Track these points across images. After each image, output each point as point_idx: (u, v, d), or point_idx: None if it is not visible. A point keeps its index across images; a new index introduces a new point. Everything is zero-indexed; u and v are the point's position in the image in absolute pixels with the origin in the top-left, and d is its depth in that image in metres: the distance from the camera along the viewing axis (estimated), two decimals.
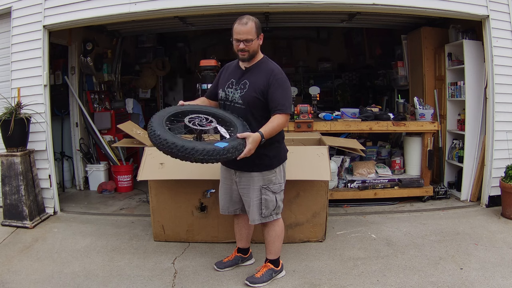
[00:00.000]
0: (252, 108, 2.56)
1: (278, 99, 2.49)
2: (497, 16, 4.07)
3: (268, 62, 2.62)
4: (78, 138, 5.29)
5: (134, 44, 7.02)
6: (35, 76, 4.05)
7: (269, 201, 2.64)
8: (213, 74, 4.16)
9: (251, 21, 2.52)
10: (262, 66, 2.60)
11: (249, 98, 2.55)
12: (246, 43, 2.51)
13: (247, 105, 2.57)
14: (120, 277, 2.88)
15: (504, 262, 2.98)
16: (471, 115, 4.43)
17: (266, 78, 2.53)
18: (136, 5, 3.88)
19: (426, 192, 4.50)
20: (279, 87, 2.50)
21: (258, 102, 2.55)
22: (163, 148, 2.25)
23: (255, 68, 2.61)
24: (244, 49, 2.53)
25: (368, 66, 7.56)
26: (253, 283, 2.72)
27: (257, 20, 2.56)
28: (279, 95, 2.50)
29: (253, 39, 2.52)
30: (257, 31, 2.54)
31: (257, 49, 2.60)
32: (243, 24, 2.50)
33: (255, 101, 2.55)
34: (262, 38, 2.60)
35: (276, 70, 2.56)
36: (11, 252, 3.32)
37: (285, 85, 2.54)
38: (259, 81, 2.54)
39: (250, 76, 2.59)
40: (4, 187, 3.87)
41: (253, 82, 2.56)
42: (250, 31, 2.51)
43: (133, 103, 6.28)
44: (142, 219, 4.06)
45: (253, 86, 2.55)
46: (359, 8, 4.12)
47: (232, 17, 5.12)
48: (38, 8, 4.04)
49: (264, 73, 2.55)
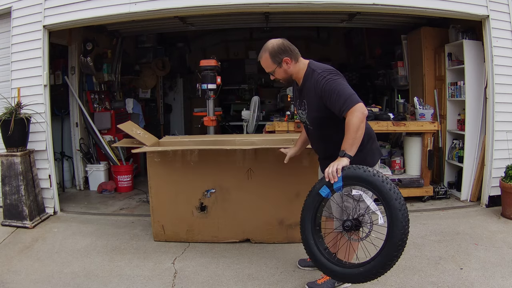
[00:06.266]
0: (321, 128, 2.42)
1: (335, 102, 2.21)
2: (497, 16, 4.07)
3: (313, 73, 2.35)
4: (78, 138, 5.29)
5: (134, 44, 7.02)
6: (35, 76, 4.05)
7: (347, 207, 2.39)
8: (213, 74, 4.15)
9: (265, 52, 2.38)
10: (308, 81, 2.38)
11: (314, 120, 2.41)
12: (272, 74, 2.43)
13: (315, 126, 2.44)
14: (120, 277, 2.88)
15: (504, 262, 2.97)
16: (471, 115, 4.43)
17: (316, 92, 2.31)
18: (136, 5, 3.88)
19: (426, 192, 4.50)
20: (329, 93, 2.24)
21: (321, 121, 2.39)
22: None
23: (304, 85, 2.42)
24: (275, 79, 2.46)
25: (368, 66, 7.55)
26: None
27: (274, 46, 2.37)
28: (334, 99, 2.22)
29: (274, 69, 2.40)
30: (274, 59, 2.37)
31: (291, 72, 2.41)
32: (260, 58, 2.41)
33: (318, 121, 2.40)
34: (289, 61, 2.38)
35: (319, 78, 2.29)
36: (11, 252, 3.32)
37: (333, 87, 2.24)
38: (312, 99, 2.35)
39: (305, 95, 2.43)
40: (4, 187, 3.87)
41: (310, 102, 2.39)
42: (266, 64, 2.41)
43: (133, 103, 6.28)
44: (142, 219, 4.06)
45: (311, 105, 2.39)
46: (359, 8, 4.12)
47: (232, 17, 5.17)
48: (38, 8, 4.04)
49: (313, 88, 2.34)
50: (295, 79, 2.47)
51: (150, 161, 3.36)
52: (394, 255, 1.99)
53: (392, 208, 1.99)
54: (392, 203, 1.99)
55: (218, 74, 4.17)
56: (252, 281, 2.80)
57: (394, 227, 1.98)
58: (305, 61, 2.46)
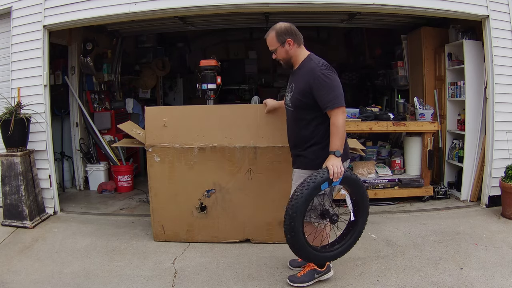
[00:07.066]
0: (299, 110, 2.55)
1: (323, 96, 2.38)
2: (497, 16, 4.07)
3: (310, 62, 2.52)
4: (78, 138, 5.29)
5: (134, 44, 7.02)
6: (35, 76, 4.05)
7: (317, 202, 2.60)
8: (213, 74, 4.15)
9: (272, 30, 2.53)
10: (303, 68, 2.54)
11: (295, 101, 2.55)
12: (274, 53, 2.56)
13: (294, 107, 2.58)
14: (120, 277, 2.88)
15: (504, 262, 2.98)
16: (471, 115, 4.43)
17: (307, 79, 2.46)
18: (136, 5, 3.88)
19: (426, 192, 4.50)
20: (320, 85, 2.39)
21: (300, 104, 2.52)
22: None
23: (298, 71, 2.58)
24: (276, 58, 2.58)
25: (368, 66, 7.55)
26: (292, 281, 2.71)
27: (282, 26, 2.52)
28: (325, 92, 2.38)
29: (277, 47, 2.53)
30: (279, 38, 2.51)
31: (291, 54, 2.55)
32: (267, 36, 2.54)
33: (298, 103, 2.53)
34: (291, 43, 2.52)
35: (316, 68, 2.44)
36: (11, 252, 3.32)
37: (326, 81, 2.39)
38: (301, 83, 2.50)
39: (295, 79, 2.58)
40: (4, 187, 3.87)
41: (297, 86, 2.54)
42: (270, 41, 2.55)
43: (133, 103, 6.28)
44: (142, 219, 4.06)
45: (297, 89, 2.53)
46: (359, 8, 4.12)
47: (232, 17, 5.17)
48: (38, 8, 4.04)
49: (305, 75, 2.49)
50: (293, 63, 2.60)
51: (150, 161, 3.36)
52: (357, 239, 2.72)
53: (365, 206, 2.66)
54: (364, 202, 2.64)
55: (218, 74, 4.16)
56: (252, 281, 2.80)
57: (362, 219, 2.68)
58: (307, 51, 2.61)
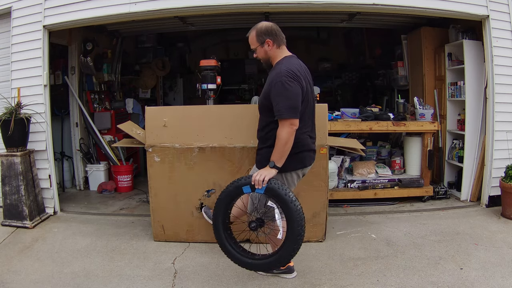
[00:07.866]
0: (261, 110, 2.60)
1: (276, 104, 2.38)
2: (497, 16, 4.07)
3: (279, 65, 2.48)
4: (78, 138, 5.29)
5: (134, 44, 7.02)
6: (35, 76, 4.05)
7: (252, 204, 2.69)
8: (213, 74, 4.15)
9: (253, 29, 2.55)
10: (273, 70, 2.53)
11: (259, 101, 2.59)
12: (255, 52, 2.58)
13: (259, 107, 2.62)
14: (120, 277, 2.88)
15: (504, 262, 2.98)
16: (471, 115, 4.42)
17: (269, 82, 2.47)
18: (136, 5, 3.88)
19: (426, 192, 4.50)
20: (277, 92, 2.38)
21: (261, 105, 2.56)
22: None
23: (271, 72, 2.57)
24: (257, 57, 2.60)
25: (368, 66, 7.56)
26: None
27: (262, 26, 2.52)
28: (277, 100, 2.37)
29: (256, 47, 2.55)
30: (259, 38, 2.52)
31: (270, 55, 2.55)
32: (248, 35, 2.56)
33: (260, 103, 2.58)
34: (270, 43, 2.51)
35: (279, 73, 2.39)
36: (11, 252, 3.32)
37: (282, 89, 2.35)
38: (266, 85, 2.53)
39: (267, 80, 2.58)
40: (4, 187, 3.87)
41: (264, 87, 2.56)
42: (251, 40, 2.56)
43: (133, 103, 6.28)
44: (142, 219, 4.06)
45: (263, 90, 2.56)
46: (359, 8, 4.12)
47: (232, 17, 5.16)
48: (38, 8, 4.04)
49: (271, 77, 2.49)
50: (272, 63, 2.60)
51: (150, 161, 3.37)
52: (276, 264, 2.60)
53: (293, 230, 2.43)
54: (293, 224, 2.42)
55: (218, 74, 4.16)
56: (252, 281, 2.81)
57: (288, 243, 2.47)
58: (287, 53, 2.58)
